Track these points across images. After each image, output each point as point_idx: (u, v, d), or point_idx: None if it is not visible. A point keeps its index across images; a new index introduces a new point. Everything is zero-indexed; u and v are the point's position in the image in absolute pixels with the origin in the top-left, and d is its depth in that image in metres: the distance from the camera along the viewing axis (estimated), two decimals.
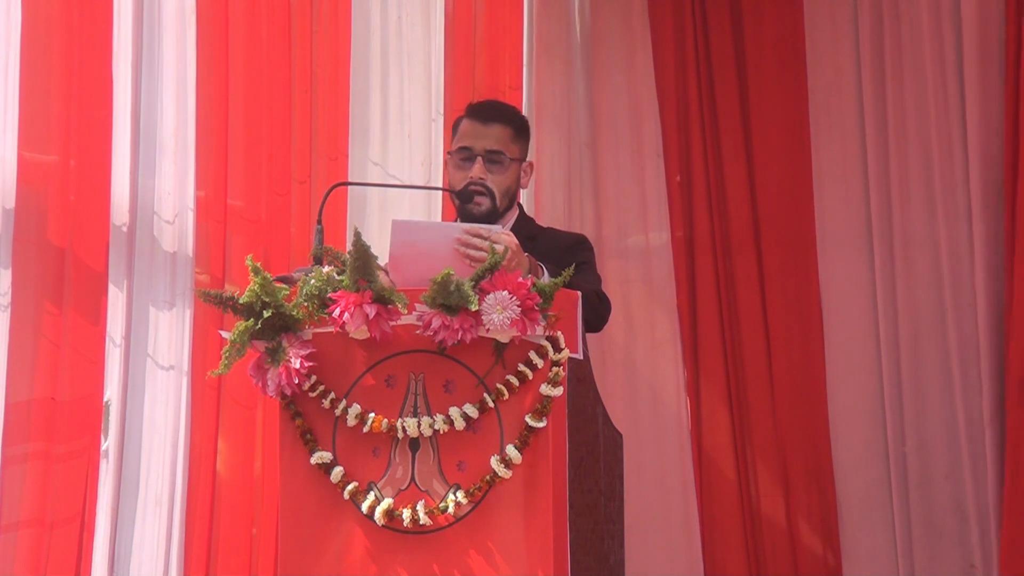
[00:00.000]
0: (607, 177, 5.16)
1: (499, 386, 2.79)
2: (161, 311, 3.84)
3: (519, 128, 3.51)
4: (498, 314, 2.73)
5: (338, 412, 2.85)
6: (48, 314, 3.53)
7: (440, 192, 4.64)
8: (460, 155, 3.45)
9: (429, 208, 4.70)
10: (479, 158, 3.42)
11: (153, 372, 3.81)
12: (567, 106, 5.17)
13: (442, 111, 4.75)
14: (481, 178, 3.41)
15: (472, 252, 2.90)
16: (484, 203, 3.41)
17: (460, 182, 3.43)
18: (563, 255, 3.32)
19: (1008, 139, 4.63)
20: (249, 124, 4.10)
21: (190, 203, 3.90)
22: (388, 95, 4.66)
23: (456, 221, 3.49)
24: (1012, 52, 4.65)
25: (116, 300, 3.71)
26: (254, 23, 4.14)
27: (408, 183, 4.68)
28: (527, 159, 3.55)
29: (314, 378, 2.87)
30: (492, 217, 3.42)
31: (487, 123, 3.46)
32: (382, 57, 4.66)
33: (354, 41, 4.56)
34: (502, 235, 2.98)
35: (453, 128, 3.55)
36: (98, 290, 3.66)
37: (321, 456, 2.86)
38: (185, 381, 3.85)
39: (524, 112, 4.25)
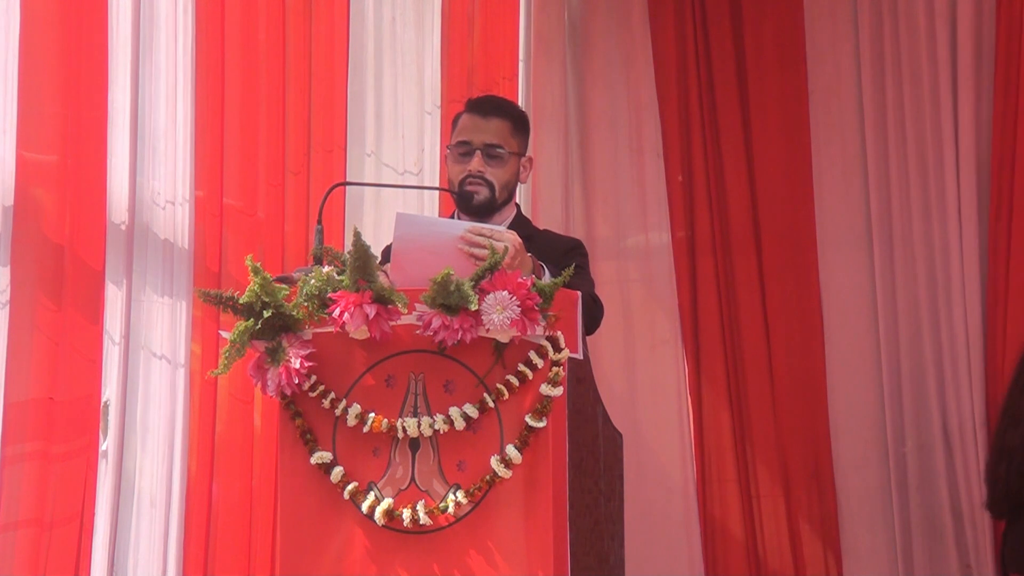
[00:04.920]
0: (607, 177, 5.17)
1: (499, 386, 2.79)
2: (159, 308, 3.84)
3: (518, 122, 3.51)
4: (498, 314, 2.73)
5: (338, 412, 2.85)
6: (47, 311, 3.52)
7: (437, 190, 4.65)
8: (459, 149, 3.45)
9: (423, 203, 4.70)
10: (478, 152, 3.42)
11: (152, 370, 3.81)
12: (566, 106, 5.17)
13: (439, 104, 4.76)
14: (480, 171, 3.41)
15: (476, 251, 2.89)
16: (482, 192, 3.41)
17: (458, 176, 3.43)
18: (559, 258, 3.31)
19: (995, 141, 4.65)
20: (246, 122, 4.10)
21: (188, 200, 3.91)
22: (383, 93, 4.66)
23: (454, 215, 3.50)
24: (1003, 53, 4.67)
25: (115, 298, 3.70)
26: (251, 22, 4.14)
27: (402, 176, 4.68)
28: (527, 154, 3.55)
29: (314, 378, 2.86)
30: (489, 208, 3.42)
31: (486, 117, 3.46)
32: (376, 55, 4.66)
33: (350, 40, 4.56)
34: (505, 234, 2.97)
35: (452, 124, 3.55)
36: (96, 288, 3.66)
37: (321, 456, 2.86)
38: (183, 379, 3.85)
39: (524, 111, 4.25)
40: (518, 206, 3.57)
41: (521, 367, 2.79)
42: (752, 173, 5.08)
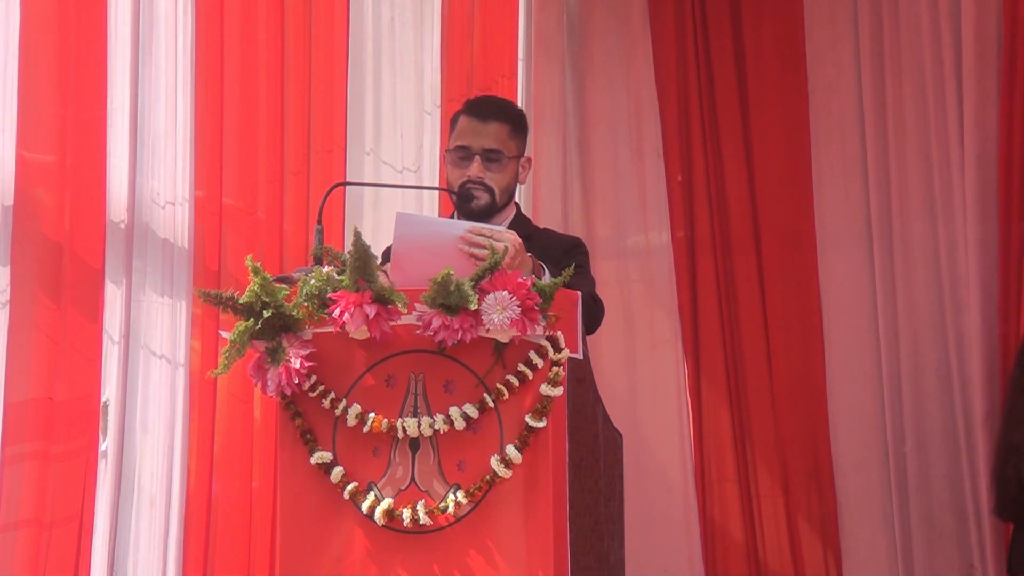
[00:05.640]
0: (607, 177, 5.17)
1: (499, 386, 2.78)
2: (159, 308, 3.84)
3: (517, 124, 3.50)
4: (498, 314, 2.73)
5: (338, 412, 2.85)
6: (46, 310, 3.52)
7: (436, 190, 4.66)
8: (458, 153, 3.44)
9: (422, 202, 4.70)
10: (477, 157, 3.41)
11: (151, 370, 3.81)
12: (567, 106, 5.17)
13: (438, 104, 4.76)
14: (479, 176, 3.40)
15: (477, 251, 2.89)
16: (483, 198, 3.40)
17: (458, 180, 3.42)
18: (559, 257, 3.31)
19: (1003, 139, 4.63)
20: (245, 121, 4.10)
21: (187, 199, 3.91)
22: (382, 93, 4.66)
23: (453, 216, 3.49)
24: (1008, 53, 4.66)
25: (114, 297, 3.70)
26: (250, 22, 4.15)
27: (401, 174, 4.68)
28: (525, 154, 3.54)
29: (314, 378, 2.86)
30: (490, 212, 3.42)
31: (485, 120, 3.44)
32: (375, 55, 4.66)
33: (350, 40, 4.57)
34: (505, 234, 2.97)
35: (451, 124, 3.54)
36: (96, 286, 3.66)
37: (321, 456, 2.86)
38: (183, 379, 3.85)
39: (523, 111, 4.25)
40: (517, 205, 3.57)
41: (521, 367, 2.79)
42: (752, 173, 5.08)
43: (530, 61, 5.14)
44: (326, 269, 2.85)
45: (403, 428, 2.81)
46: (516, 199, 3.58)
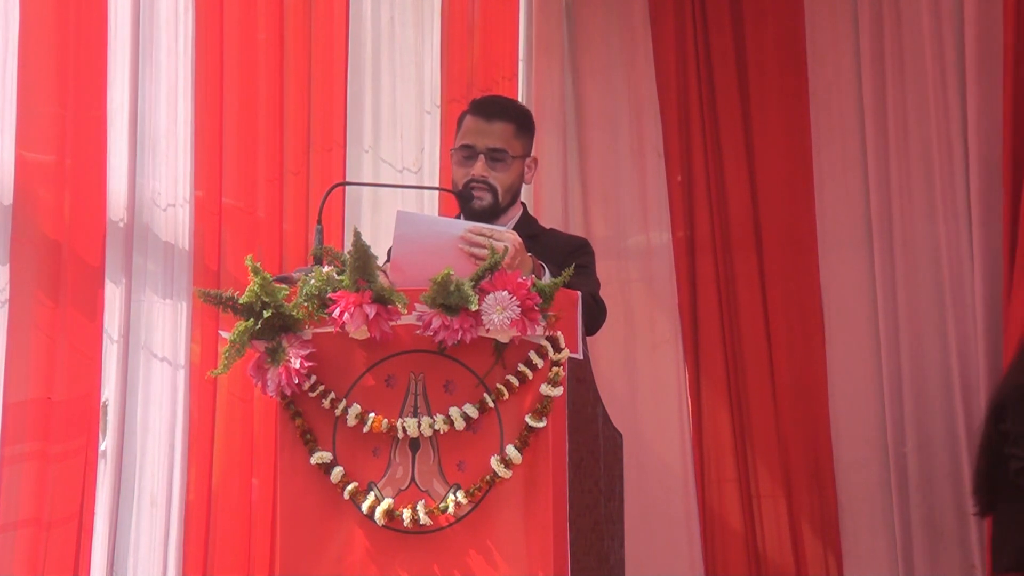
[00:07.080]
0: (607, 177, 5.17)
1: (499, 386, 2.78)
2: (159, 308, 3.84)
3: (522, 124, 3.49)
4: (498, 314, 2.73)
5: (338, 412, 2.85)
6: (46, 309, 3.52)
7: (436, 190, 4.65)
8: (463, 153, 3.44)
9: (422, 203, 4.70)
10: (481, 156, 3.41)
11: (151, 370, 3.81)
12: (567, 106, 5.17)
13: (438, 103, 4.76)
14: (483, 176, 3.40)
15: (477, 251, 2.89)
16: (486, 198, 3.40)
17: (462, 179, 3.42)
18: (564, 258, 3.31)
19: (1007, 140, 4.63)
20: (245, 121, 4.11)
21: (187, 199, 3.91)
22: (381, 92, 4.66)
23: (459, 217, 3.49)
24: (1011, 53, 4.65)
25: (113, 296, 3.70)
26: (250, 22, 4.15)
27: (401, 173, 4.68)
28: (531, 154, 3.54)
29: (314, 378, 2.86)
30: (493, 213, 3.41)
31: (490, 120, 3.44)
32: (375, 55, 4.66)
33: (350, 40, 4.57)
34: (505, 234, 2.97)
35: (457, 123, 3.54)
36: (95, 285, 3.66)
37: (321, 456, 2.85)
38: (183, 379, 3.85)
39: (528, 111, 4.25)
40: (524, 204, 3.56)
41: (521, 367, 2.78)
42: (753, 173, 5.07)
43: (530, 61, 5.14)
44: (326, 269, 2.85)
45: (403, 428, 2.81)
46: (522, 201, 3.58)
